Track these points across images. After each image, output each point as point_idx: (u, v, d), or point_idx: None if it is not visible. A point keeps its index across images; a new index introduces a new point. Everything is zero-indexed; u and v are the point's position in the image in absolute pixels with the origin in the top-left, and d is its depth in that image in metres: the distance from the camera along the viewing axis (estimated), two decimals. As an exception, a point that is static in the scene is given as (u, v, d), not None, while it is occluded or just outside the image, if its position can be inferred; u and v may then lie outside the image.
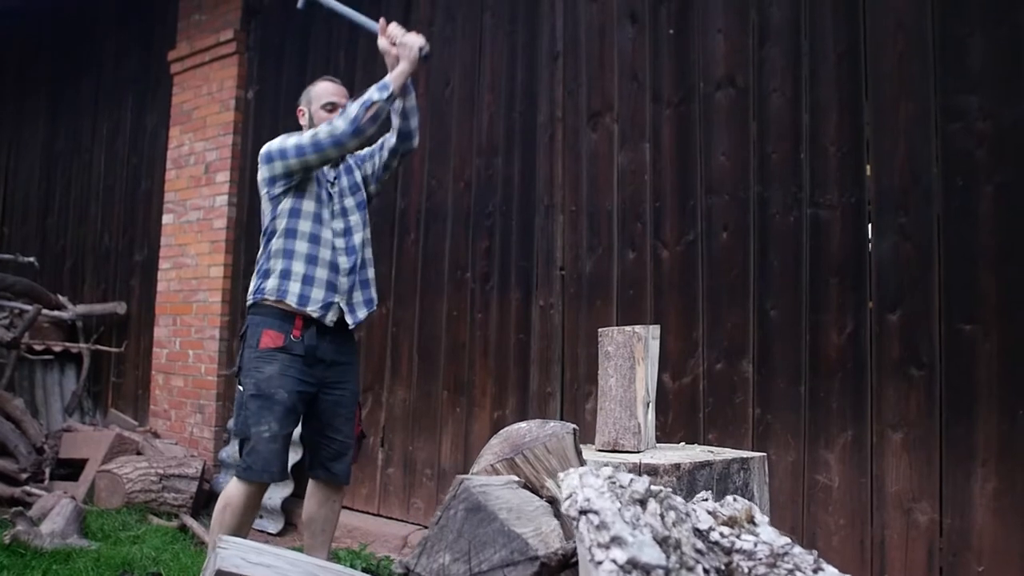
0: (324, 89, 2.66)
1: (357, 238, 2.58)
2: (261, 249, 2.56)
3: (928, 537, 2.36)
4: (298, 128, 4.32)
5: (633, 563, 0.70)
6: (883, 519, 2.44)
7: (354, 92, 3.70)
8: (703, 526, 0.90)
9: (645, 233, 2.98)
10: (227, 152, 4.52)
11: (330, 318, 2.49)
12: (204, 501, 3.84)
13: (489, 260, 3.40)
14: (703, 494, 1.06)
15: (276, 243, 2.51)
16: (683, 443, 2.10)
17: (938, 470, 2.36)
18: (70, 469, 4.27)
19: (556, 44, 3.29)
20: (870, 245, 2.52)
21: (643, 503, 0.87)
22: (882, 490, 2.45)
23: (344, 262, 2.53)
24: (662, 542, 0.77)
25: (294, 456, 3.69)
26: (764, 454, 1.76)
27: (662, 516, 0.86)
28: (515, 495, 1.05)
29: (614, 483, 0.90)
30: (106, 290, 5.28)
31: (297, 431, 2.57)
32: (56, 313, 4.88)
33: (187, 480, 3.71)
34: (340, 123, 2.42)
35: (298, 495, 3.82)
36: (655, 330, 1.81)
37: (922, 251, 2.43)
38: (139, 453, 4.11)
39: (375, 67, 3.92)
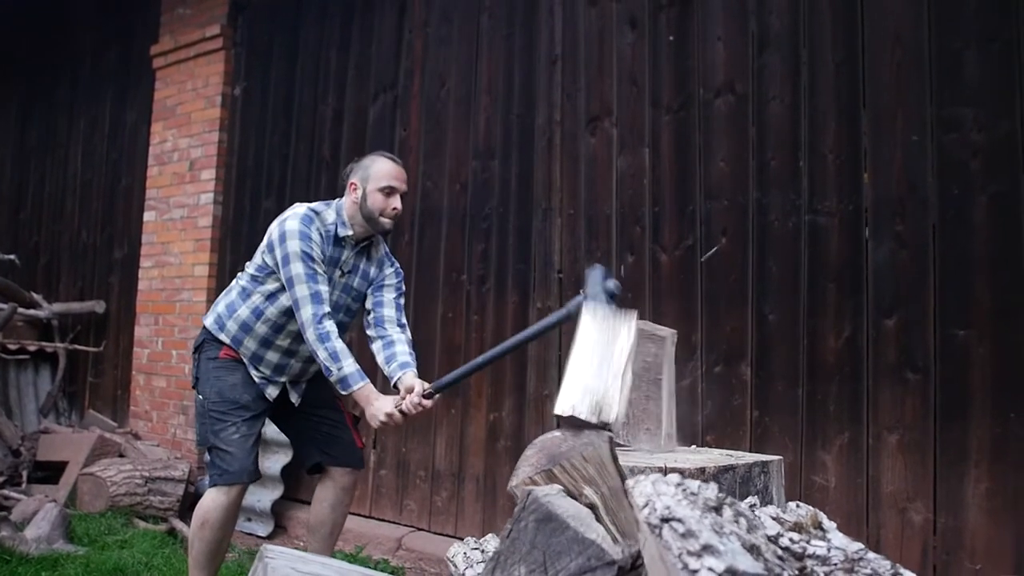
0: (385, 171, 2.40)
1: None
2: (239, 279, 2.47)
3: (923, 536, 2.43)
4: (286, 128, 4.30)
5: (732, 572, 0.71)
6: (879, 519, 2.50)
7: (345, 90, 3.67)
8: (771, 532, 0.91)
9: (644, 237, 3.01)
10: (213, 149, 4.45)
11: (270, 392, 2.43)
12: (189, 504, 3.77)
13: (486, 263, 3.40)
14: (750, 499, 1.07)
15: (242, 310, 2.41)
16: (693, 446, 2.13)
17: (932, 471, 2.43)
18: (48, 472, 4.16)
19: (555, 48, 3.30)
20: (867, 252, 2.58)
21: (718, 510, 0.88)
22: (878, 490, 2.51)
23: (304, 351, 2.41)
24: (750, 550, 0.78)
25: (283, 459, 3.66)
26: (781, 457, 1.79)
27: (738, 523, 0.87)
28: (571, 504, 1.06)
29: (685, 490, 0.91)
30: (83, 288, 5.16)
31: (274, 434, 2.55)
32: (32, 312, 4.75)
33: (173, 483, 3.64)
34: (315, 344, 2.27)
35: (287, 498, 3.79)
36: (673, 335, 1.84)
37: (918, 258, 2.50)
38: (121, 455, 4.02)
39: (368, 69, 3.91)
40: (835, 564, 0.83)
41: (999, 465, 2.32)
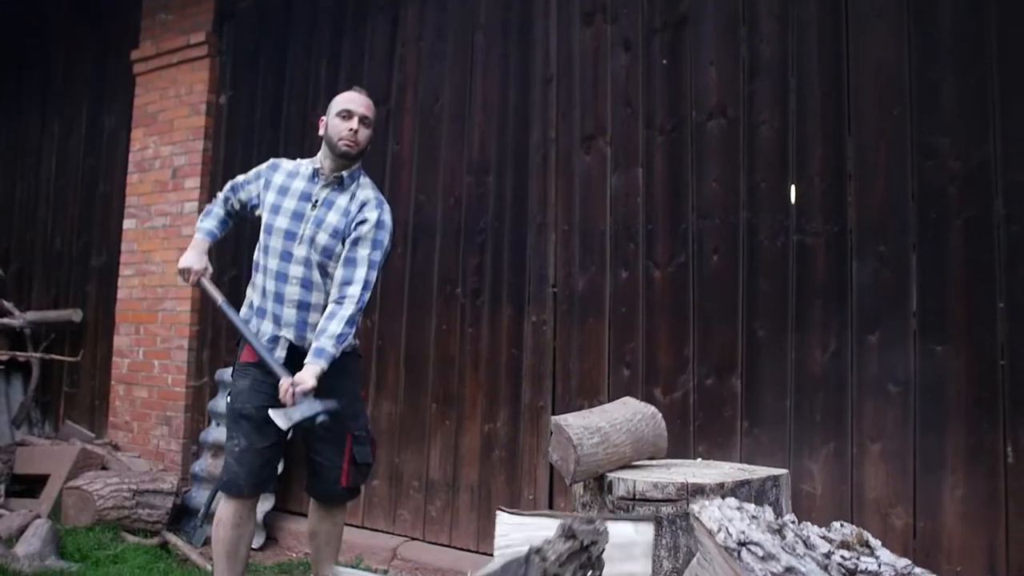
0: (343, 98, 2.52)
1: (316, 275, 2.44)
2: None
3: (903, 539, 2.57)
4: (274, 138, 4.30)
5: (816, 591, 0.80)
6: (863, 523, 2.61)
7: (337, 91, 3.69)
8: (823, 550, 1.01)
9: (638, 253, 3.11)
10: (197, 158, 4.41)
11: (278, 354, 2.42)
12: (175, 516, 3.75)
13: (480, 276, 3.46)
14: (791, 515, 1.17)
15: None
16: (699, 459, 2.24)
17: (912, 478, 2.58)
18: (25, 485, 4.08)
19: (550, 67, 3.38)
20: (851, 271, 2.72)
21: (780, 532, 0.96)
22: (861, 497, 2.65)
23: (291, 294, 2.43)
24: (824, 569, 0.88)
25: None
26: (788, 471, 1.90)
27: (799, 543, 0.96)
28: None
29: (748, 513, 0.99)
30: (58, 296, 5.05)
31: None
32: (7, 320, 4.64)
33: (162, 495, 3.61)
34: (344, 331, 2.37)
35: (279, 509, 3.80)
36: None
37: (899, 277, 2.64)
38: (104, 468, 3.97)
39: (359, 81, 3.92)
40: (888, 579, 0.93)
41: (973, 472, 2.48)
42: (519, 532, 1.64)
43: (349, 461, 2.47)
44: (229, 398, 2.52)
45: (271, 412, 2.24)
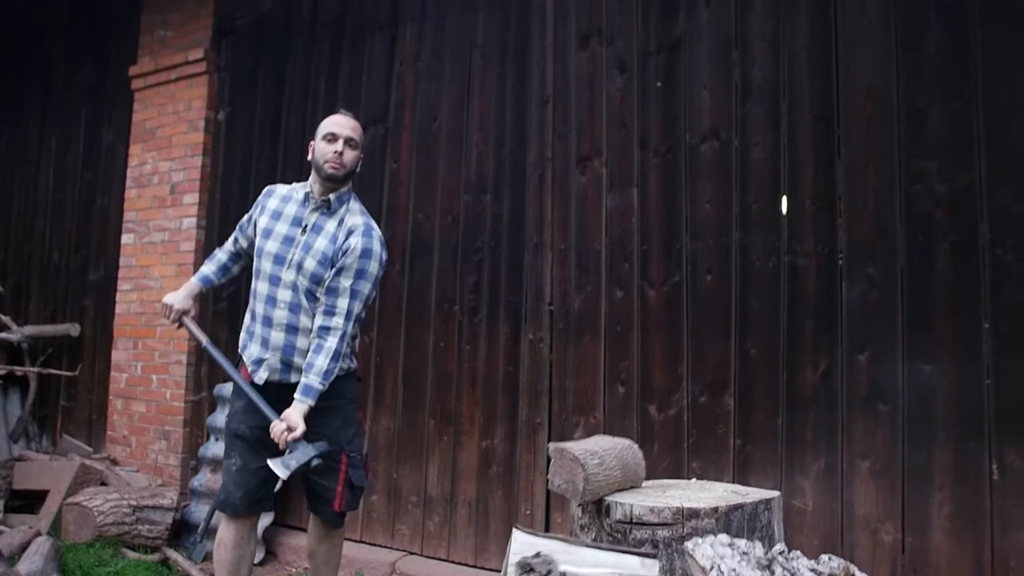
0: (328, 121, 2.57)
1: (304, 300, 2.46)
2: None
3: (892, 555, 2.63)
4: (272, 155, 4.35)
5: (807, 631, 0.85)
6: (852, 539, 2.70)
7: (337, 109, 3.73)
8: (813, 585, 1.06)
9: (632, 273, 3.16)
10: (195, 174, 4.45)
11: (260, 376, 2.47)
12: (175, 531, 3.78)
13: (477, 294, 3.51)
14: (780, 546, 1.22)
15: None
16: (693, 478, 2.29)
17: (900, 495, 2.63)
18: (24, 501, 4.10)
19: (546, 88, 3.44)
20: (841, 291, 2.78)
21: (770, 567, 1.02)
22: (852, 513, 2.71)
23: (280, 318, 2.46)
24: (813, 608, 0.93)
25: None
26: (779, 493, 1.96)
27: (791, 581, 1.01)
28: None
29: (738, 549, 1.04)
30: (55, 310, 5.07)
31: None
32: (5, 335, 4.66)
33: (162, 511, 3.64)
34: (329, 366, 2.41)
35: (278, 523, 3.83)
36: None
37: (887, 299, 2.71)
38: (103, 483, 3.99)
39: (357, 99, 3.98)
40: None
41: (960, 490, 2.54)
42: (531, 551, 1.69)
43: (344, 484, 2.50)
44: (228, 416, 2.58)
45: (269, 463, 2.31)
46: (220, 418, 3.93)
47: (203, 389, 4.31)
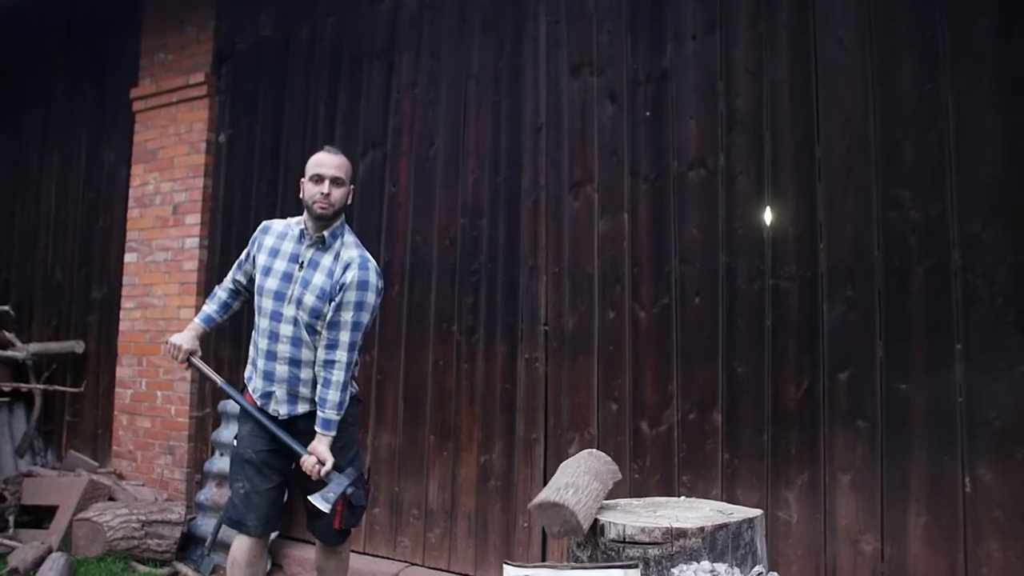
0: (314, 161, 2.68)
1: (304, 334, 2.58)
2: None
3: (872, 564, 2.78)
4: (273, 177, 4.46)
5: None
6: (835, 549, 2.85)
7: (335, 143, 3.86)
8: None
9: (624, 295, 3.30)
10: (197, 194, 4.56)
11: (273, 408, 2.60)
12: (182, 544, 3.89)
13: (475, 314, 3.64)
14: (759, 568, 1.35)
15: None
16: (682, 496, 2.42)
17: (879, 507, 2.78)
18: (32, 516, 4.20)
19: (539, 116, 3.57)
20: (823, 313, 2.93)
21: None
22: (834, 524, 2.85)
23: (283, 352, 2.58)
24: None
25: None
26: (762, 512, 2.10)
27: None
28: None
29: (714, 574, 1.18)
30: (59, 327, 5.17)
31: None
32: (11, 353, 4.76)
33: (170, 526, 3.76)
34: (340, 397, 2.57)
35: (283, 536, 3.95)
36: None
37: (866, 320, 2.85)
38: (112, 498, 4.10)
39: (356, 124, 4.11)
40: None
41: (935, 501, 2.69)
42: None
43: (344, 504, 2.60)
44: (235, 440, 2.70)
45: (311, 499, 2.48)
46: (224, 434, 4.05)
47: (207, 405, 4.43)
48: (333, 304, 2.55)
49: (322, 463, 2.47)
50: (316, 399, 2.55)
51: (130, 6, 4.99)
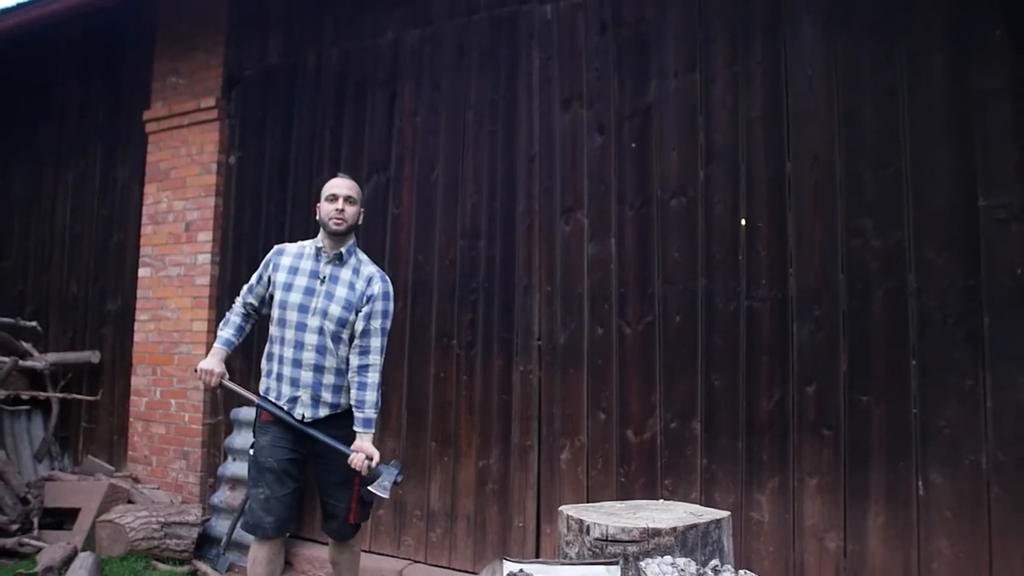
0: (329, 183, 2.98)
1: (329, 342, 2.83)
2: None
3: (835, 560, 3.06)
4: (281, 198, 4.71)
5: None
6: (802, 546, 3.12)
7: (340, 167, 4.11)
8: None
9: (611, 313, 3.57)
10: (209, 213, 4.80)
11: (299, 412, 2.85)
12: (198, 544, 4.15)
13: (473, 330, 3.91)
14: (714, 562, 1.63)
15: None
16: (662, 499, 2.68)
17: (843, 508, 3.05)
18: (55, 518, 4.45)
19: (533, 146, 3.84)
20: (792, 331, 3.20)
21: (703, 583, 1.43)
22: (802, 524, 3.13)
23: (308, 359, 2.82)
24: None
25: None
26: (729, 513, 2.37)
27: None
28: None
29: (675, 567, 1.46)
30: (74, 338, 5.41)
31: None
32: (31, 363, 5.00)
33: (188, 527, 4.01)
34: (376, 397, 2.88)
35: (294, 535, 4.21)
36: None
37: (831, 338, 3.13)
38: (130, 501, 4.35)
39: (361, 149, 4.36)
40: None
41: (892, 503, 2.97)
42: (516, 570, 2.09)
43: (357, 500, 2.90)
44: (252, 451, 2.94)
45: (371, 489, 2.78)
46: (237, 440, 4.30)
47: (220, 413, 4.68)
48: (362, 313, 2.85)
49: (370, 458, 2.75)
50: (353, 401, 2.84)
51: (143, 31, 5.24)
